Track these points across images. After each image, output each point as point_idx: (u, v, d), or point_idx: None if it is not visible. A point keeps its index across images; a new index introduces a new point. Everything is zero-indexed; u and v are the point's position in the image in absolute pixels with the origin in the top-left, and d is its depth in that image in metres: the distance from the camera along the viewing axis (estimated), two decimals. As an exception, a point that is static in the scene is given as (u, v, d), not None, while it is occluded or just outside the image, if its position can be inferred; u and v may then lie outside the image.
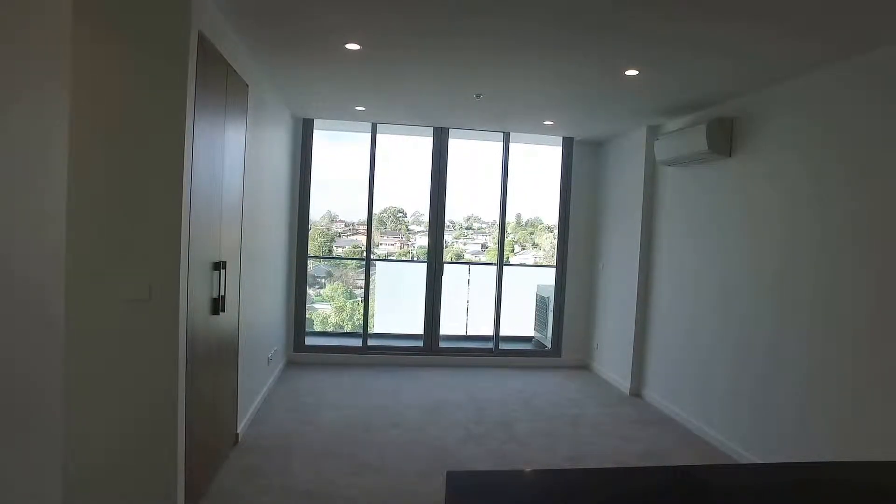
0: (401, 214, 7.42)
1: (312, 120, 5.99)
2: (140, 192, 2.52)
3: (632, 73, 3.70)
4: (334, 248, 7.39)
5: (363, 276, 6.49)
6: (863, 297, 3.02)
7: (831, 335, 3.20)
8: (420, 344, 6.36)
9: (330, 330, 7.34)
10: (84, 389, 2.47)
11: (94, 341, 2.48)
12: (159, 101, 2.51)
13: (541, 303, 6.98)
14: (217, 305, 3.14)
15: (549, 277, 6.73)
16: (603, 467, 3.52)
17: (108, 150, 2.49)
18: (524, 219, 7.67)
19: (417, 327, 6.39)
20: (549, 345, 6.64)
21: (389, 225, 7.44)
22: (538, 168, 6.87)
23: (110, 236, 2.50)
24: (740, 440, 3.90)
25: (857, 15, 2.60)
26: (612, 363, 5.88)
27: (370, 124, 5.99)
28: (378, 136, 6.10)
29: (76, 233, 2.41)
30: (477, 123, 5.87)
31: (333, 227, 7.31)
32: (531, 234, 7.76)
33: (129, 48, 2.50)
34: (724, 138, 4.17)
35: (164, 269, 2.53)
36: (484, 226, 7.60)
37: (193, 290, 2.72)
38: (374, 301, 6.91)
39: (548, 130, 5.97)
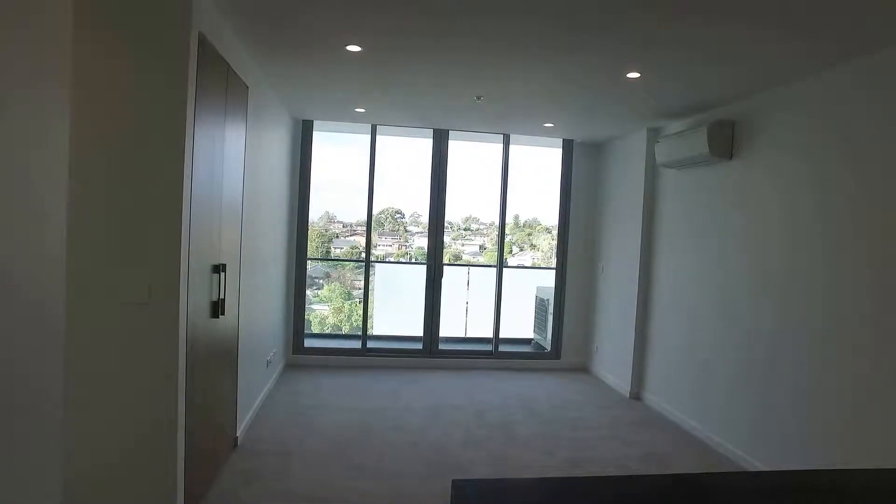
0: (399, 215, 7.41)
1: (312, 122, 5.97)
2: (140, 194, 2.49)
3: (633, 75, 3.69)
4: (332, 248, 7.36)
5: (361, 276, 6.47)
6: (864, 299, 3.02)
7: (832, 338, 3.20)
8: (419, 346, 6.34)
9: (328, 331, 7.31)
10: (83, 392, 2.44)
11: (94, 344, 2.46)
12: (159, 101, 2.49)
13: (540, 305, 6.97)
14: (217, 308, 3.11)
15: (548, 279, 6.71)
16: (609, 475, 3.51)
17: (108, 152, 2.47)
18: (522, 220, 7.66)
19: (417, 329, 6.37)
20: (548, 347, 6.63)
21: (387, 226, 7.42)
22: (537, 169, 6.87)
23: (109, 238, 2.48)
24: (741, 443, 3.89)
25: (858, 16, 2.59)
26: (612, 366, 5.87)
27: (370, 126, 5.98)
28: (378, 137, 6.08)
29: (75, 234, 2.38)
30: (477, 125, 5.86)
31: (331, 227, 7.29)
32: (529, 235, 7.75)
33: (129, 49, 2.48)
34: (725, 141, 4.16)
35: (164, 271, 2.51)
36: (482, 227, 7.59)
37: (193, 293, 2.70)
38: (372, 303, 6.89)
39: (548, 132, 5.96)
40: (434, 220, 6.28)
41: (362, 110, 5.26)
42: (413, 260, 7.25)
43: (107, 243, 2.48)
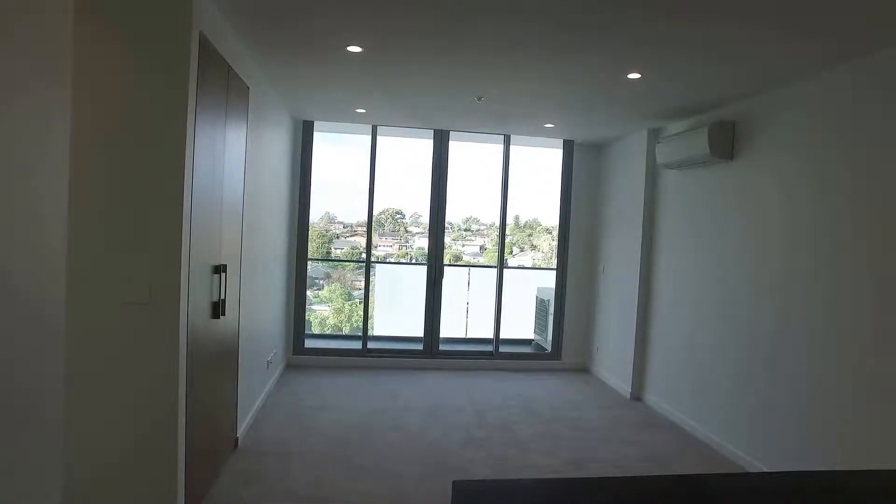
0: (399, 216, 7.41)
1: (312, 122, 5.98)
2: (140, 194, 2.50)
3: (634, 76, 3.69)
4: (333, 249, 7.37)
5: (361, 277, 6.47)
6: (864, 299, 3.01)
7: (832, 338, 3.19)
8: (420, 347, 6.33)
9: (328, 332, 7.31)
10: (83, 393, 2.44)
11: (93, 344, 2.46)
12: (160, 102, 2.49)
13: (541, 305, 6.97)
14: (217, 309, 3.11)
15: (549, 280, 6.71)
16: (610, 476, 3.50)
17: (108, 152, 2.47)
18: (522, 220, 7.66)
19: (417, 330, 6.37)
20: (549, 348, 6.63)
21: (388, 226, 7.42)
22: (537, 170, 6.87)
23: (110, 238, 2.48)
24: (741, 443, 3.89)
25: (858, 16, 2.59)
26: (613, 366, 5.86)
27: (370, 126, 5.98)
28: (378, 137, 6.08)
29: (75, 234, 2.37)
30: (478, 126, 5.86)
31: (332, 228, 7.29)
32: (529, 235, 7.75)
33: (130, 49, 2.48)
34: (726, 142, 4.16)
35: (165, 271, 2.51)
36: (482, 227, 7.59)
37: (194, 294, 2.70)
38: (373, 303, 6.89)
39: (549, 133, 5.96)
40: (434, 220, 6.28)
41: (363, 111, 5.26)
42: (413, 260, 7.25)
43: (107, 243, 2.48)
